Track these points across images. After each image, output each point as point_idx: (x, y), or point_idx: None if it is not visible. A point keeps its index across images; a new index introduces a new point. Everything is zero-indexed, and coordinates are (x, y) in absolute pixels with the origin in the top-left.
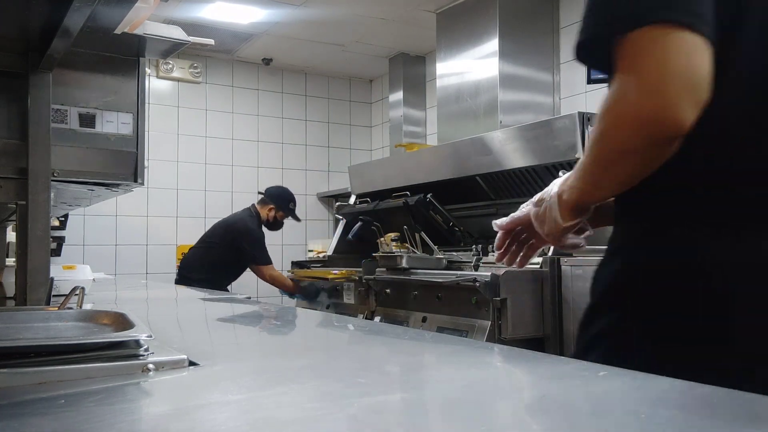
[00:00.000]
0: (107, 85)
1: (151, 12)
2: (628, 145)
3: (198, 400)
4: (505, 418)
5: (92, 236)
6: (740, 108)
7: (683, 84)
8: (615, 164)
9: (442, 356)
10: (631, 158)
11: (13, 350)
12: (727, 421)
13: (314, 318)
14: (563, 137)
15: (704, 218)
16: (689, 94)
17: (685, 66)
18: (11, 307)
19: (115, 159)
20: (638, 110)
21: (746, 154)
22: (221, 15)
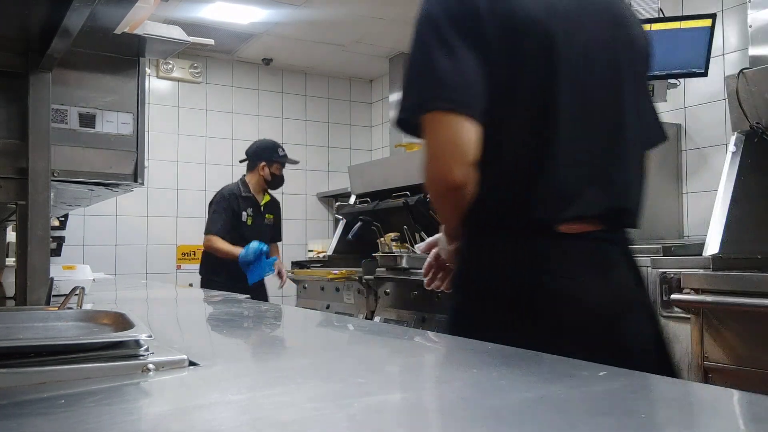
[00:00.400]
0: (107, 85)
1: (151, 12)
2: (435, 195)
3: (198, 400)
4: (505, 418)
5: (92, 236)
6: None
7: (451, 152)
8: (439, 206)
9: (442, 356)
10: (443, 202)
11: (13, 350)
12: (727, 421)
13: (314, 318)
14: None
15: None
16: (456, 158)
17: (452, 139)
18: (11, 307)
19: (115, 159)
20: (429, 173)
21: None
22: (221, 15)
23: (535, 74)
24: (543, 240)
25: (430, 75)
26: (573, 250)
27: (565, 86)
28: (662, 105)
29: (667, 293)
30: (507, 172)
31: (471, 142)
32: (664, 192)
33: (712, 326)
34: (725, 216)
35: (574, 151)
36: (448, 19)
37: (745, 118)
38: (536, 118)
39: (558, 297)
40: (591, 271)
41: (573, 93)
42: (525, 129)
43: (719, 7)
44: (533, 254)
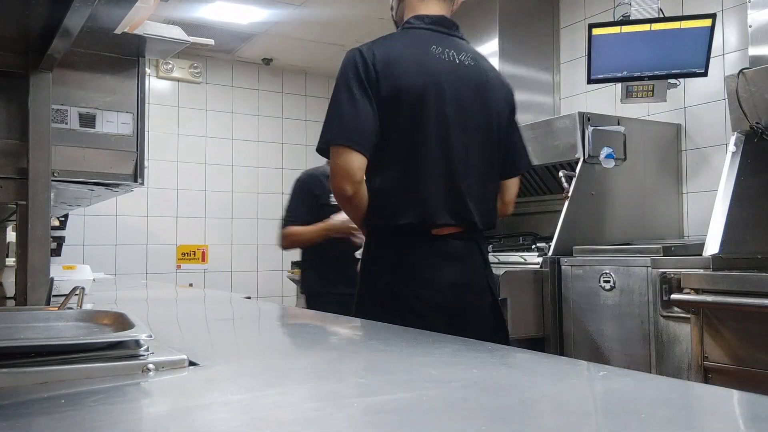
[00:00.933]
0: (107, 85)
1: (151, 12)
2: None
3: (198, 400)
4: (505, 418)
5: (92, 236)
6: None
7: (343, 174)
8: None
9: (442, 356)
10: (345, 208)
11: (13, 350)
12: (727, 421)
13: (314, 318)
14: (563, 137)
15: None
16: (347, 179)
17: (345, 166)
18: (11, 307)
19: (115, 159)
20: (333, 187)
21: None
22: (221, 15)
23: (411, 120)
24: (418, 240)
25: (338, 119)
26: (440, 248)
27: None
28: (662, 105)
29: (667, 293)
30: (392, 190)
31: (358, 168)
32: (664, 192)
33: (712, 326)
34: (725, 216)
35: (440, 177)
36: (355, 80)
37: (745, 118)
38: (411, 152)
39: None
40: (451, 262)
41: (440, 124)
42: (409, 158)
43: (719, 7)
44: (410, 251)
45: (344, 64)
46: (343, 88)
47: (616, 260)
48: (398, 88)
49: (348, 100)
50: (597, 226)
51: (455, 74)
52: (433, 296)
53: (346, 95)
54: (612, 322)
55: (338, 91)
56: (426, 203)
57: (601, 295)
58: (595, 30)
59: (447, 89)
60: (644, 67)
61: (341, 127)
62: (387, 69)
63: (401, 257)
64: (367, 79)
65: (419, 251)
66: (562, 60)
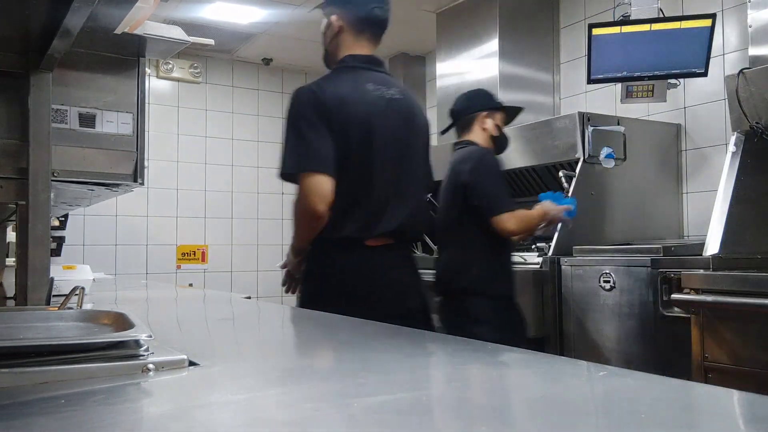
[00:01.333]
0: (107, 85)
1: (151, 12)
2: (303, 222)
3: (198, 400)
4: (505, 418)
5: (92, 236)
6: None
7: (317, 196)
8: (302, 231)
9: (442, 356)
10: (306, 228)
11: (13, 350)
12: (727, 421)
13: (314, 318)
14: (563, 137)
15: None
16: (320, 200)
17: (316, 188)
18: (11, 307)
19: (115, 159)
20: (303, 207)
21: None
22: (221, 15)
23: (356, 149)
24: (356, 250)
25: (305, 147)
26: (374, 256)
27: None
28: (662, 105)
29: (667, 293)
30: (340, 208)
31: (329, 190)
32: (664, 192)
33: (712, 326)
34: (725, 216)
35: (377, 196)
36: (313, 113)
37: (745, 118)
38: (358, 175)
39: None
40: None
41: (381, 159)
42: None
43: (719, 7)
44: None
45: (299, 100)
46: (304, 120)
47: (616, 260)
48: (346, 122)
49: (311, 131)
50: (597, 226)
51: (388, 108)
52: (376, 294)
53: (308, 127)
54: (612, 322)
55: (297, 122)
56: (372, 218)
57: (601, 295)
58: (595, 30)
59: (383, 122)
60: (644, 67)
61: (309, 155)
62: (336, 105)
63: (350, 263)
64: (322, 113)
65: (367, 259)
66: (562, 60)
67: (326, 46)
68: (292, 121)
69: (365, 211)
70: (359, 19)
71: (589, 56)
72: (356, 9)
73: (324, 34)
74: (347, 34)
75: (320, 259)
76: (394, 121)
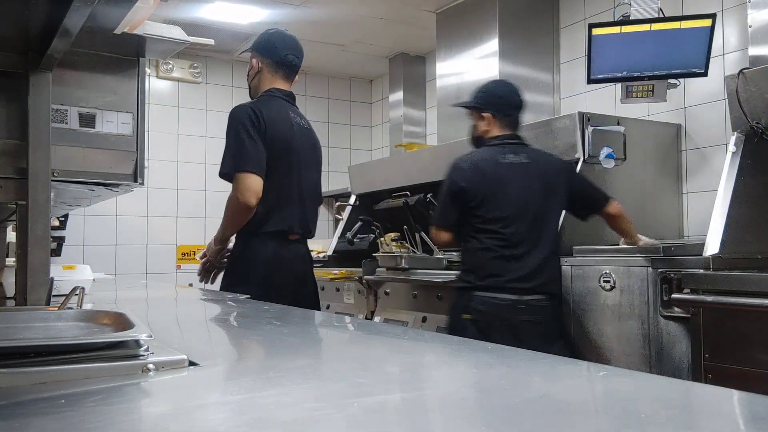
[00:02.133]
0: (107, 85)
1: (151, 12)
2: (237, 215)
3: (198, 400)
4: (505, 418)
5: (92, 236)
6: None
7: (251, 192)
8: (233, 222)
9: (442, 356)
10: (238, 219)
11: (13, 350)
12: (727, 421)
13: (314, 318)
14: (563, 137)
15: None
16: (254, 195)
17: (251, 186)
18: (11, 307)
19: (115, 159)
20: (238, 202)
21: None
22: (221, 15)
23: (281, 161)
24: (282, 243)
25: (244, 152)
26: (292, 248)
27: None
28: (662, 105)
29: (667, 293)
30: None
31: (260, 188)
32: (664, 192)
33: (712, 326)
34: (725, 216)
35: (295, 200)
36: (252, 127)
37: (745, 118)
38: (281, 182)
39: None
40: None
41: (297, 172)
42: (277, 186)
43: (719, 7)
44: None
45: (241, 115)
46: (243, 130)
47: (616, 260)
48: (276, 139)
49: (249, 140)
50: (597, 226)
51: (301, 134)
52: (291, 279)
53: (246, 136)
54: (612, 322)
55: (239, 132)
56: (288, 217)
57: (601, 295)
58: (595, 30)
59: (299, 144)
60: (644, 67)
61: (247, 158)
62: (270, 123)
63: (271, 253)
64: (258, 127)
65: (283, 250)
66: (562, 60)
67: (249, 82)
68: (233, 131)
69: (288, 211)
70: (275, 63)
71: (589, 56)
72: (274, 55)
73: (248, 73)
74: (266, 73)
75: (248, 249)
76: (305, 144)
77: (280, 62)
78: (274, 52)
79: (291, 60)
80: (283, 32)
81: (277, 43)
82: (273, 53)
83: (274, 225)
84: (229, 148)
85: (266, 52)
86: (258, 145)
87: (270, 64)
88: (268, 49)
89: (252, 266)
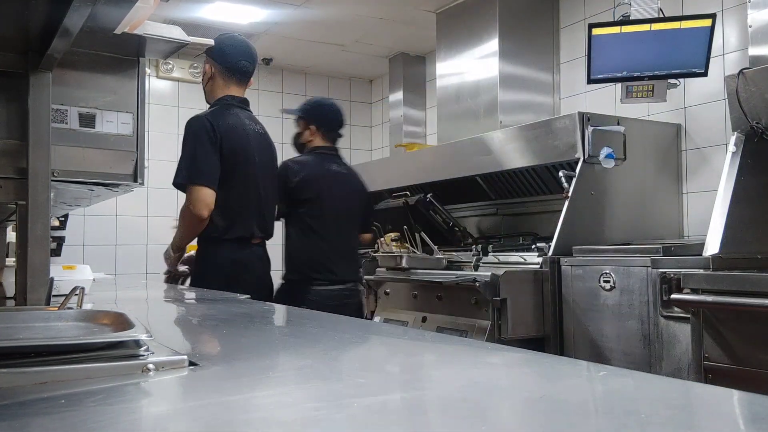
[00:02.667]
0: (107, 85)
1: (151, 12)
2: (191, 225)
3: (198, 400)
4: (505, 418)
5: (92, 236)
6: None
7: (203, 204)
8: (189, 231)
9: (442, 356)
10: (192, 229)
11: (13, 350)
12: (727, 421)
13: (314, 318)
14: (563, 137)
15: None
16: (204, 207)
17: (203, 198)
18: (11, 307)
19: (115, 159)
20: (191, 213)
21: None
22: (221, 15)
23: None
24: (246, 247)
25: (197, 165)
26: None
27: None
28: (662, 105)
29: (667, 293)
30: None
31: (212, 200)
32: (664, 192)
33: (712, 326)
34: (725, 216)
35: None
36: (207, 139)
37: (745, 118)
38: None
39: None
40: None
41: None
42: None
43: (719, 7)
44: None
45: (197, 126)
46: (198, 143)
47: (616, 260)
48: (233, 148)
49: (202, 152)
50: (597, 226)
51: (256, 138)
52: (253, 280)
53: (201, 149)
54: (612, 322)
55: (194, 144)
56: (249, 223)
57: (601, 295)
58: (595, 30)
59: (257, 150)
60: (644, 67)
61: (199, 171)
62: (226, 134)
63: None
64: (214, 139)
65: (246, 253)
66: (562, 60)
67: (204, 87)
68: (188, 142)
69: (249, 218)
70: (227, 69)
71: (589, 56)
72: (225, 62)
73: (202, 78)
74: (219, 79)
75: (212, 254)
76: (263, 150)
77: (232, 68)
78: (226, 59)
79: (243, 66)
80: (236, 37)
81: (228, 50)
82: (225, 59)
83: (237, 232)
84: (184, 159)
85: (218, 58)
86: (212, 157)
87: (222, 70)
88: (219, 55)
89: (216, 269)
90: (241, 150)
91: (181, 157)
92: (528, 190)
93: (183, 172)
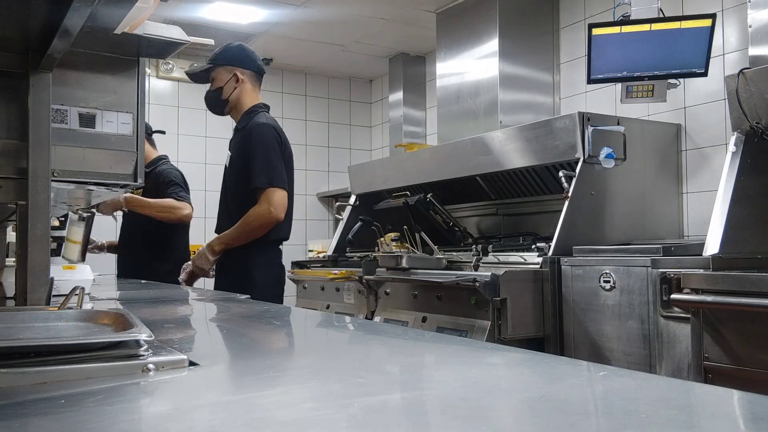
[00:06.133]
0: (107, 85)
1: (151, 12)
2: (264, 226)
3: (198, 400)
4: (505, 418)
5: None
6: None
7: (280, 206)
8: (258, 232)
9: (442, 356)
10: (262, 231)
11: (13, 350)
12: (727, 421)
13: (314, 318)
14: (563, 137)
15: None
16: (282, 209)
17: (282, 201)
18: (11, 307)
19: (115, 159)
20: (267, 214)
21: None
22: (221, 15)
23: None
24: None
25: (277, 168)
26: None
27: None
28: (662, 105)
29: (667, 293)
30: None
31: (286, 203)
32: (664, 192)
33: (712, 326)
34: (725, 216)
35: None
36: (276, 143)
37: (745, 118)
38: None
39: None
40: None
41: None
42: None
43: (719, 7)
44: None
45: (268, 133)
46: (270, 148)
47: (616, 260)
48: (290, 155)
49: (276, 157)
50: (597, 226)
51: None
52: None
53: (274, 154)
54: (612, 322)
55: (267, 149)
56: (289, 227)
57: (601, 295)
58: (595, 30)
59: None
60: (644, 67)
61: (278, 175)
62: (286, 142)
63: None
64: (281, 145)
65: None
66: (562, 60)
67: (227, 96)
68: (261, 148)
69: (288, 220)
70: (257, 73)
71: (589, 56)
72: (254, 66)
73: (222, 87)
74: (248, 84)
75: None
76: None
77: (259, 71)
78: (254, 63)
79: (263, 67)
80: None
81: (251, 54)
82: (254, 64)
83: (278, 234)
84: (258, 164)
85: (249, 63)
86: (282, 163)
87: (252, 75)
88: (250, 61)
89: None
90: (290, 156)
91: (254, 162)
92: (528, 190)
93: (262, 177)
